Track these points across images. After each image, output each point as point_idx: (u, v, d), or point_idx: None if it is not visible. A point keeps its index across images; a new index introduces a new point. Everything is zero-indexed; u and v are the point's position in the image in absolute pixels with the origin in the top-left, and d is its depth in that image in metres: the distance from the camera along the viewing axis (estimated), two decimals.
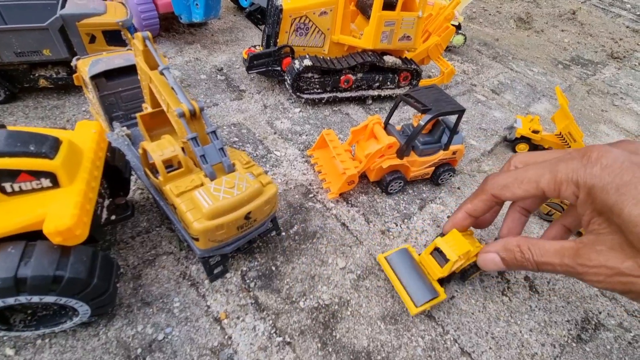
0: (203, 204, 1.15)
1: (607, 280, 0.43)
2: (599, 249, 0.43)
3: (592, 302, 1.66)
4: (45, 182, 0.99)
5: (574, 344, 1.48)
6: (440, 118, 1.89)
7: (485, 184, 0.63)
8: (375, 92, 2.59)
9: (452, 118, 1.86)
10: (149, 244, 1.51)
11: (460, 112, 1.74)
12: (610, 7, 6.30)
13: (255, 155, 2.05)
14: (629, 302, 1.69)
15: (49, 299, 0.98)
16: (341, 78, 2.40)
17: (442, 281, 1.47)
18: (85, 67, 1.58)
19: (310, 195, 1.88)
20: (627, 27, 5.54)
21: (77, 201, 0.98)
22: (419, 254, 1.49)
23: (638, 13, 6.47)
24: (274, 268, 1.52)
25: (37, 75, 1.94)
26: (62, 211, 0.95)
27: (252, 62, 2.26)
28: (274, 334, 1.32)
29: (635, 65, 4.41)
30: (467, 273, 1.52)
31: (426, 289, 1.41)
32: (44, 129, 1.15)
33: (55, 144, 1.01)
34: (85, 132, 1.18)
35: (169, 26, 2.96)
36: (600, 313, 1.62)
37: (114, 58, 1.62)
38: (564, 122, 2.17)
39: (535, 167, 0.55)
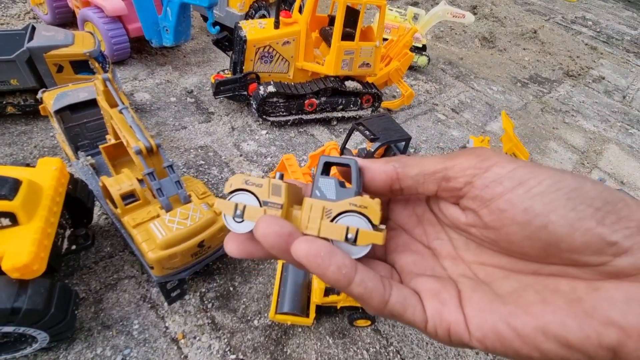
0: (157, 235, 1.26)
1: None
2: None
3: None
4: (5, 221, 1.08)
5: None
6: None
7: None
8: (339, 114, 2.74)
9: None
10: (112, 269, 1.60)
11: (407, 140, 1.90)
12: (572, 25, 6.71)
13: (220, 178, 2.15)
14: None
15: (8, 328, 1.06)
16: (305, 102, 2.54)
17: (321, 311, 1.47)
18: (51, 100, 1.66)
19: None
20: (586, 44, 5.92)
21: (35, 238, 1.07)
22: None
23: (598, 29, 6.92)
24: (231, 288, 1.63)
25: (4, 102, 2.00)
26: (20, 248, 1.04)
27: (219, 88, 2.38)
28: (228, 352, 1.43)
29: (589, 82, 4.73)
30: (353, 317, 1.50)
31: (296, 303, 1.39)
32: (7, 167, 1.24)
33: (15, 185, 1.10)
34: (46, 170, 1.27)
35: (141, 47, 3.04)
36: None
37: (79, 91, 1.71)
38: (508, 144, 2.37)
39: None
